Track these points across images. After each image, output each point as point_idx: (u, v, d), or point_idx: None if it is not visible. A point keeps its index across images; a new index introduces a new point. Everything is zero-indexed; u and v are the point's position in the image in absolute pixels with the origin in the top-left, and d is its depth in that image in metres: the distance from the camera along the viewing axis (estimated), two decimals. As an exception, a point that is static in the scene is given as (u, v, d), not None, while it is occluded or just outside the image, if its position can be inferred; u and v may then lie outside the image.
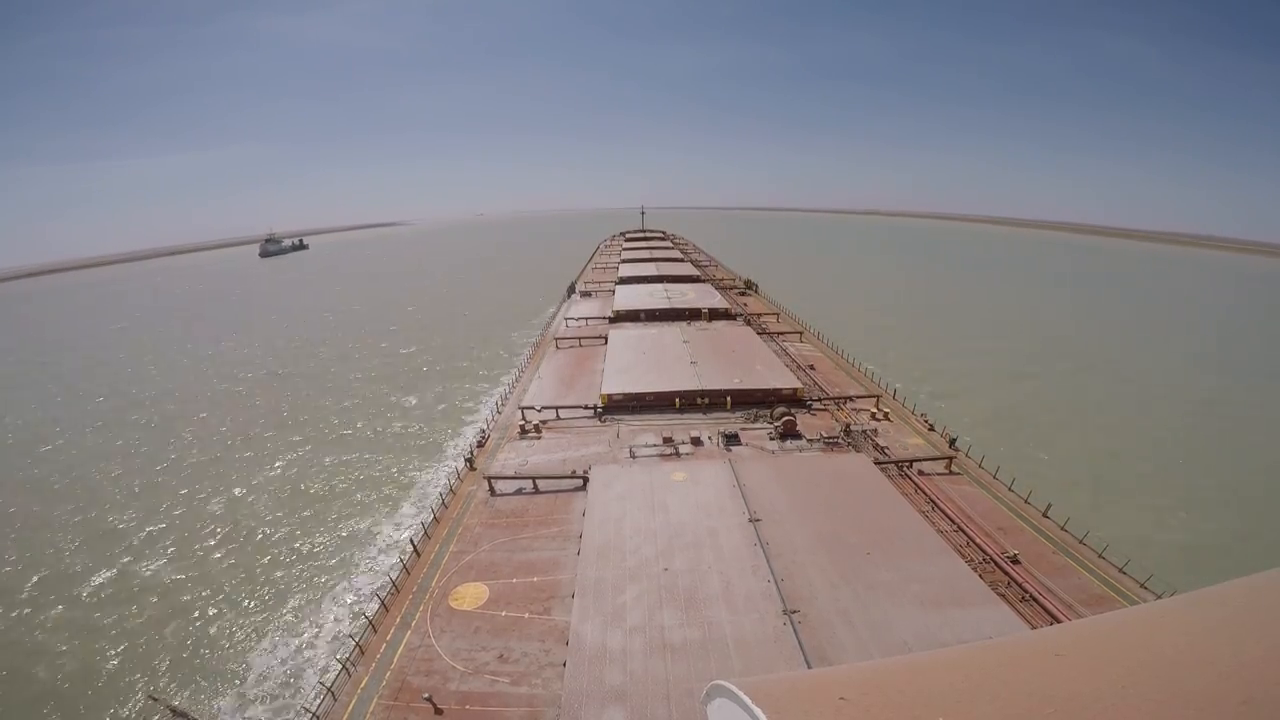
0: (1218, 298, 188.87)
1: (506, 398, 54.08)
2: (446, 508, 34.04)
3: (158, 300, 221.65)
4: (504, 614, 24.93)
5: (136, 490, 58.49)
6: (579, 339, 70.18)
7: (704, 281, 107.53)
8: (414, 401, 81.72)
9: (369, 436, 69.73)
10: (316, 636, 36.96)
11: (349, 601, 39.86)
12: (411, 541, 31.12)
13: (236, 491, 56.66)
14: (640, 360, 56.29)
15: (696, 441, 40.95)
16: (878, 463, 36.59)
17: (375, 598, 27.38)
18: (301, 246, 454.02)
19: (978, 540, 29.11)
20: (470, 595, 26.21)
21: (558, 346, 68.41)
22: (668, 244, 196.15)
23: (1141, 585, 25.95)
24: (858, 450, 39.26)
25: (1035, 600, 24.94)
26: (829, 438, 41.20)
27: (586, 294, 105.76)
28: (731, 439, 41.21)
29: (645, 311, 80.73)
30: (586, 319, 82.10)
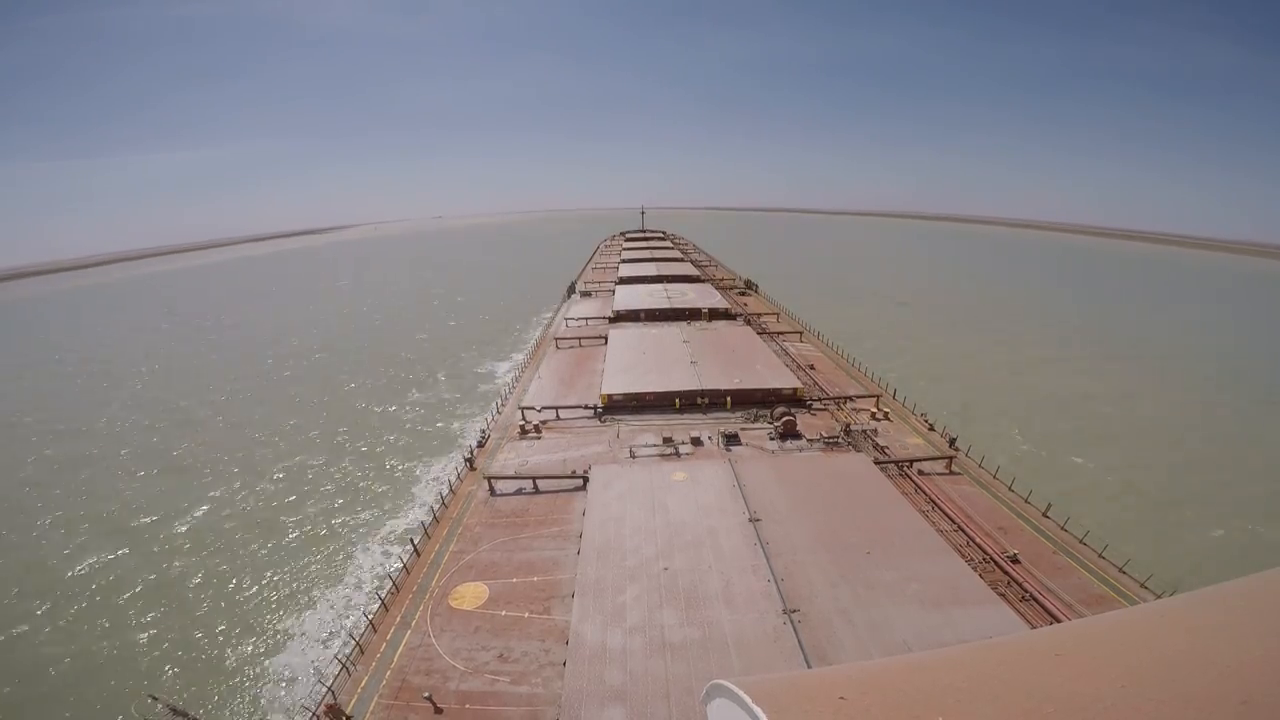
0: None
1: (507, 398, 54.10)
2: (446, 507, 34.01)
3: None
4: (504, 613, 24.93)
5: None
6: (579, 339, 70.21)
7: (704, 281, 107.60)
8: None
9: None
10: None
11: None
12: (411, 541, 31.08)
13: None
14: (640, 360, 56.29)
15: (696, 441, 40.94)
16: (878, 462, 36.59)
17: (375, 597, 27.30)
18: None
19: (978, 540, 29.11)
20: (470, 595, 26.21)
21: (558, 346, 68.43)
22: (668, 244, 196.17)
23: (1141, 585, 25.95)
24: (858, 450, 39.25)
25: (1035, 600, 24.94)
26: (829, 438, 41.19)
27: (586, 294, 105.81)
28: (731, 439, 41.20)
29: (645, 311, 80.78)
30: (586, 319, 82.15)
